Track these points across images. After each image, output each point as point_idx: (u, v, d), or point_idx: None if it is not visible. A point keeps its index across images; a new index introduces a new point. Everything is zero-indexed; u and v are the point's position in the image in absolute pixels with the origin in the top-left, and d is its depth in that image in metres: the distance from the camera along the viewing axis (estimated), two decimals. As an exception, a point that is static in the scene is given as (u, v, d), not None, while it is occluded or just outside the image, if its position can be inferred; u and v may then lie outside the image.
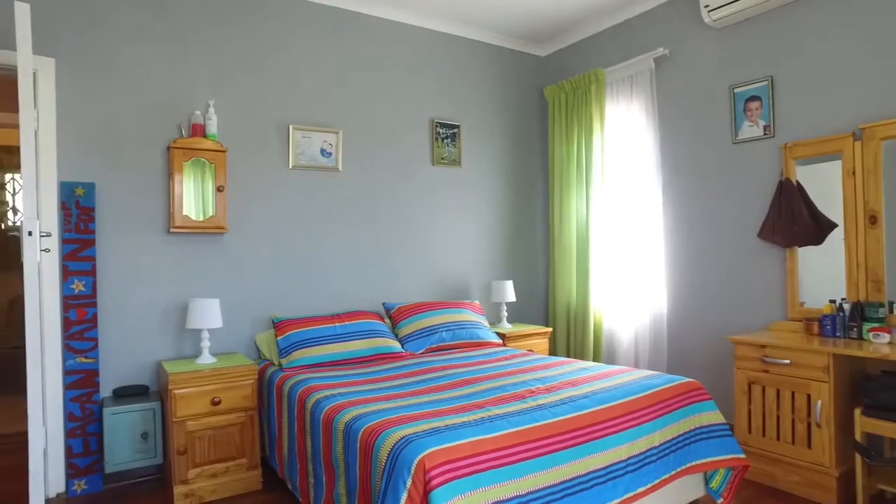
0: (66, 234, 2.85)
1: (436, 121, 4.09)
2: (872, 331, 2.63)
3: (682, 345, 3.66)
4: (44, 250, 2.60)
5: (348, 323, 3.32)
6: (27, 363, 2.25)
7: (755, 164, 3.26)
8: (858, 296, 2.78)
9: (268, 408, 2.98)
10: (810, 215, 2.97)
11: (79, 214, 2.87)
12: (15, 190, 5.66)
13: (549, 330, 4.13)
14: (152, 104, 3.11)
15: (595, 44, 4.24)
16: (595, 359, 4.02)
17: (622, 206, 3.97)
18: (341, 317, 3.36)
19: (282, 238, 3.48)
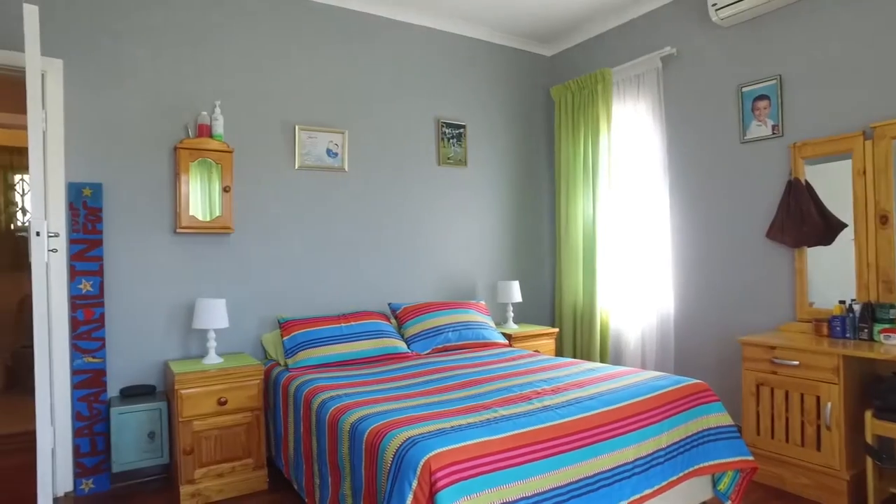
0: (74, 235, 2.86)
1: (442, 121, 4.09)
2: (884, 332, 2.60)
3: (690, 345, 3.64)
4: (51, 250, 2.62)
5: (354, 323, 3.32)
6: (35, 363, 2.26)
7: (763, 164, 3.24)
8: (869, 297, 2.75)
9: (274, 408, 2.98)
10: (819, 215, 2.94)
11: (86, 215, 2.89)
12: (24, 191, 5.70)
13: (556, 330, 4.12)
14: (159, 105, 3.12)
15: (601, 43, 4.22)
16: (602, 359, 4.00)
17: (629, 206, 3.95)
18: (347, 317, 3.37)
19: (288, 238, 3.49)
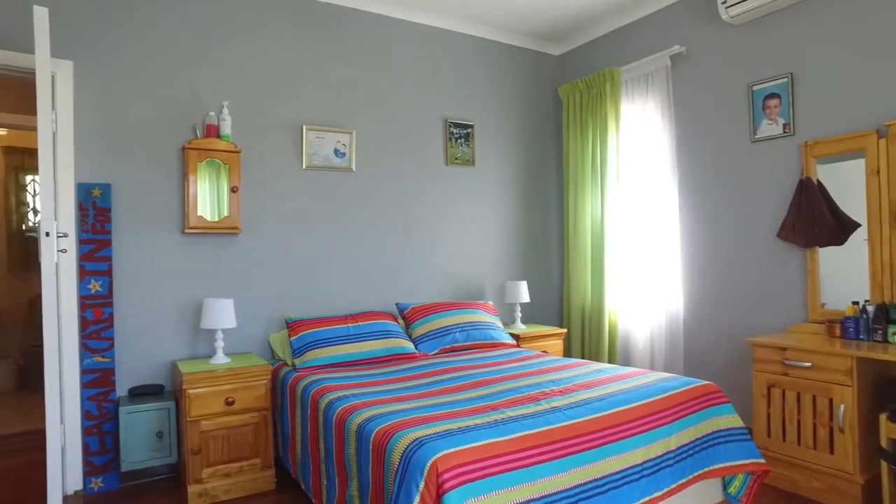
0: (83, 235, 2.88)
1: (449, 120, 4.08)
2: (898, 333, 2.56)
3: (699, 346, 3.60)
4: (61, 251, 2.64)
5: (362, 323, 3.32)
6: (45, 362, 2.28)
7: (774, 163, 3.20)
8: (883, 297, 2.70)
9: (281, 408, 2.98)
10: (832, 215, 2.90)
11: (95, 215, 2.90)
12: (35, 191, 5.75)
13: (564, 331, 4.09)
14: (167, 105, 3.14)
15: (610, 42, 4.19)
16: (610, 360, 3.98)
17: (638, 206, 3.92)
18: (355, 317, 3.36)
19: (295, 238, 3.49)
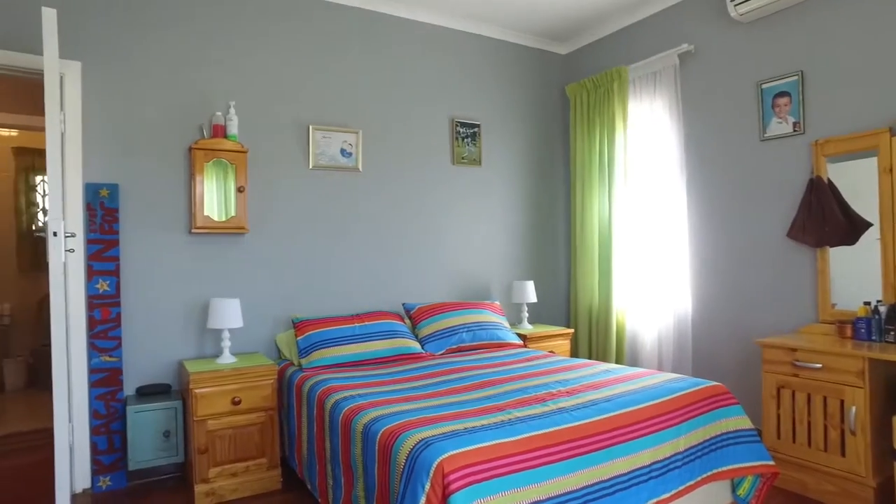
0: (91, 235, 2.89)
1: (456, 120, 4.07)
2: (910, 334, 2.53)
3: (708, 347, 3.57)
4: (69, 250, 2.64)
5: (368, 323, 3.31)
6: (53, 361, 2.29)
7: (784, 162, 3.16)
8: (895, 298, 2.67)
9: (287, 408, 2.99)
10: (843, 214, 2.87)
11: (103, 215, 2.92)
12: (45, 192, 5.79)
13: (571, 331, 4.08)
14: (174, 106, 3.15)
15: (617, 41, 4.16)
16: (617, 361, 3.95)
17: (645, 206, 3.89)
18: (361, 317, 3.36)
19: (302, 238, 3.50)
